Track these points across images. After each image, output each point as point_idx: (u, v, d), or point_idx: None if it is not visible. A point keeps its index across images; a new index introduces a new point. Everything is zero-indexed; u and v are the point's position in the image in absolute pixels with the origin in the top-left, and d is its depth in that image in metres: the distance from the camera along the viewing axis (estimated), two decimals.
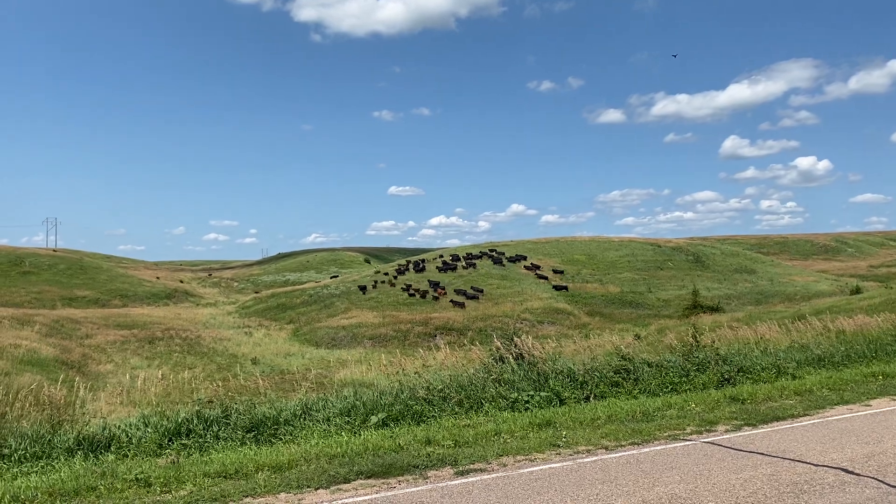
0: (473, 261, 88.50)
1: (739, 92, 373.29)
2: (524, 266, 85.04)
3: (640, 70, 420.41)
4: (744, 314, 45.70)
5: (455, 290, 72.54)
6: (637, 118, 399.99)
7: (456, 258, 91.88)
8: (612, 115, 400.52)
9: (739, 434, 10.51)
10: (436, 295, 71.01)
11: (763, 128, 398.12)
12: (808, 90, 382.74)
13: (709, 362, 15.42)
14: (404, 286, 76.64)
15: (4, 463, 9.89)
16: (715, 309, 58.10)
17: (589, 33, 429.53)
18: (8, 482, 8.85)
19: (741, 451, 9.42)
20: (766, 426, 11.01)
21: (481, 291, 71.97)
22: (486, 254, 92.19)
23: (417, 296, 71.53)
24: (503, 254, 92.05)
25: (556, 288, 74.05)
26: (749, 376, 15.08)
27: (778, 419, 11.46)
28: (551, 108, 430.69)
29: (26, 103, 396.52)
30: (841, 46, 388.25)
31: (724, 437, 10.35)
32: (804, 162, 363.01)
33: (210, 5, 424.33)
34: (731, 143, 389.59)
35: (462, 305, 66.43)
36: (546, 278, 77.95)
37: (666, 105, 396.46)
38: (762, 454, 9.18)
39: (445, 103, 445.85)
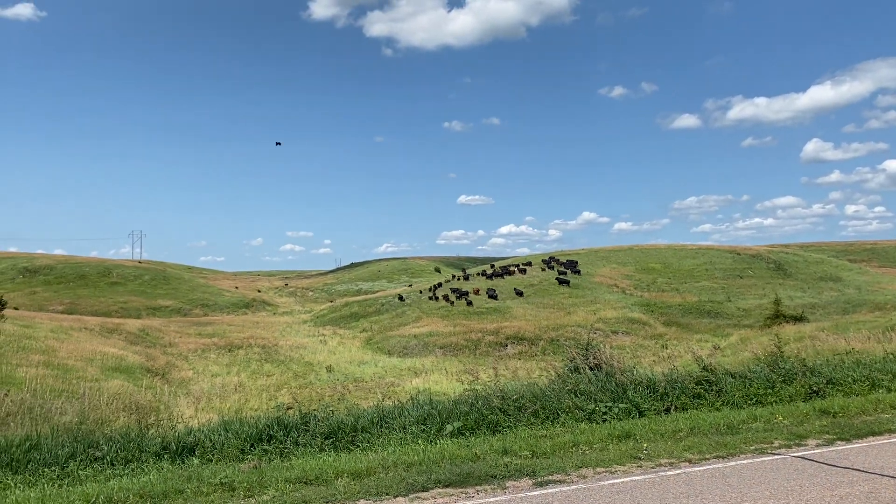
0: (525, 268, 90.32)
1: (822, 93, 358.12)
2: (551, 269, 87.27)
3: (716, 74, 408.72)
4: (830, 324, 43.74)
5: (487, 290, 76.85)
6: (713, 123, 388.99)
7: (506, 267, 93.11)
8: (687, 121, 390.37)
9: (832, 449, 10.02)
10: (453, 299, 75.53)
11: (848, 130, 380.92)
12: None
13: (795, 373, 14.79)
14: (431, 295, 79.97)
15: (98, 465, 10.30)
16: (798, 318, 55.73)
17: (663, 38, 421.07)
18: (102, 484, 9.22)
19: (835, 466, 8.97)
20: (860, 441, 10.47)
21: (521, 294, 75.10)
22: (545, 262, 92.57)
23: (442, 301, 75.80)
24: (556, 259, 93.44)
25: (561, 282, 78.72)
26: (840, 388, 14.39)
27: (874, 434, 10.88)
28: (624, 114, 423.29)
29: (114, 122, 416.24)
30: None
31: (816, 451, 9.89)
32: (894, 164, 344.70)
33: (286, 22, 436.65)
34: (813, 147, 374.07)
35: (469, 304, 71.50)
36: (567, 283, 79.03)
37: (743, 109, 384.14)
38: (858, 470, 8.72)
39: (516, 112, 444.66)
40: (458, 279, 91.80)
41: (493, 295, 74.63)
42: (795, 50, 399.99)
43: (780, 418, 11.90)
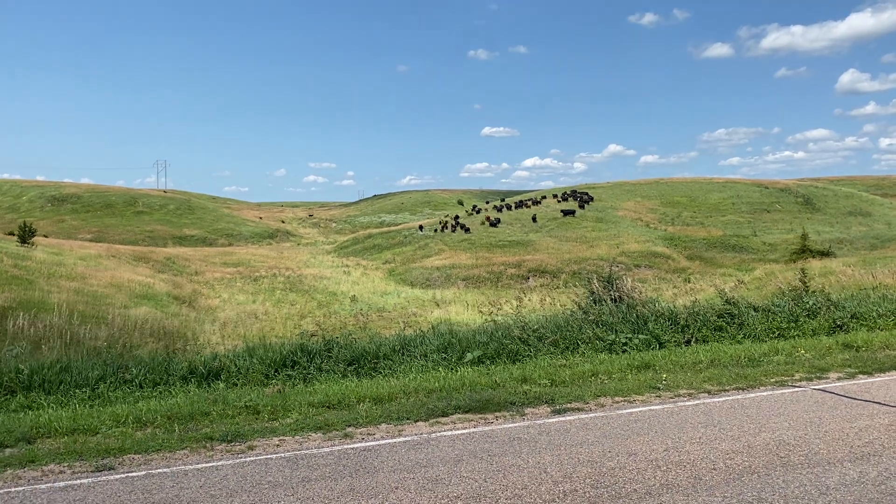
0: (540, 201, 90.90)
1: (861, 21, 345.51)
2: (566, 202, 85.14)
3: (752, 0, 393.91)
4: (857, 259, 43.21)
5: (491, 221, 79.02)
6: (746, 52, 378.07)
7: (522, 201, 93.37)
8: (719, 50, 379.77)
9: (854, 382, 9.99)
10: (452, 227, 78.84)
11: (887, 60, 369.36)
12: None
13: (820, 308, 14.68)
14: (445, 225, 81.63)
15: (127, 387, 10.59)
16: (825, 254, 55.10)
17: None
18: (131, 405, 9.49)
19: (856, 399, 8.95)
20: (883, 374, 10.41)
21: (537, 224, 76.01)
22: (557, 195, 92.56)
23: (449, 230, 78.28)
24: (574, 193, 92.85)
25: (565, 213, 79.26)
26: (864, 323, 14.29)
27: None
28: (654, 42, 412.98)
29: (140, 51, 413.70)
30: None
31: (837, 384, 9.87)
32: None
33: None
34: (849, 77, 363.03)
35: (468, 231, 75.27)
36: (572, 213, 79.65)
37: (778, 37, 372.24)
38: (879, 403, 8.70)
39: (543, 40, 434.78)
40: (470, 214, 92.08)
41: (494, 224, 76.81)
42: None
43: (803, 352, 11.86)
